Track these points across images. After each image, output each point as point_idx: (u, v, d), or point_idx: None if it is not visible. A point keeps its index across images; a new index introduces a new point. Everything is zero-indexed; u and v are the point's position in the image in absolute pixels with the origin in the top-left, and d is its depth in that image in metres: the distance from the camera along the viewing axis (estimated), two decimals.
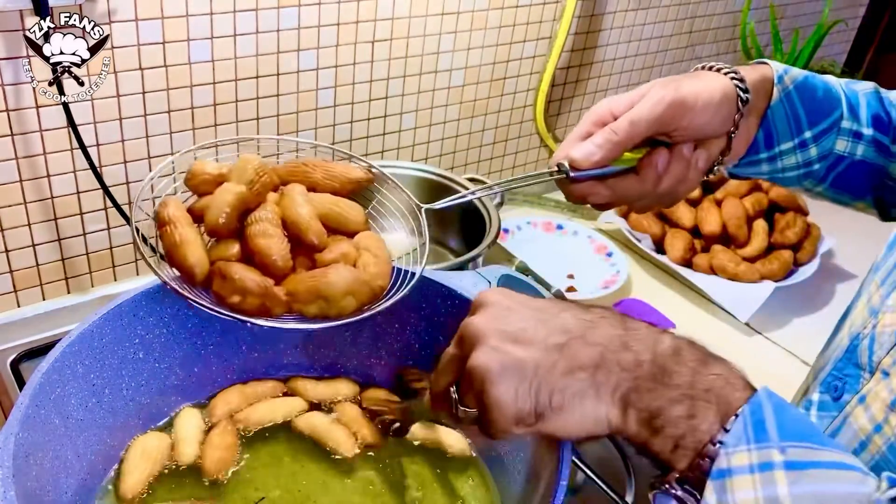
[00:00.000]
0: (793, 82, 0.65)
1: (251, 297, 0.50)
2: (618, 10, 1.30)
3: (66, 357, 0.58)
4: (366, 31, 1.01)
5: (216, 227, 0.52)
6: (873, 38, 1.86)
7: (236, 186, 0.53)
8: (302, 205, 0.54)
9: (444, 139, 1.21)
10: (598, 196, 0.61)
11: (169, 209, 0.53)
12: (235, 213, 0.53)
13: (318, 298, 0.51)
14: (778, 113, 0.65)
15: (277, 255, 0.51)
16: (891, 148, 0.66)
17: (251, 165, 0.55)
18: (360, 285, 0.52)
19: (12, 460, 0.49)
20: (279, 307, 0.51)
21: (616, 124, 0.59)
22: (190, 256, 0.51)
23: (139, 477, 0.62)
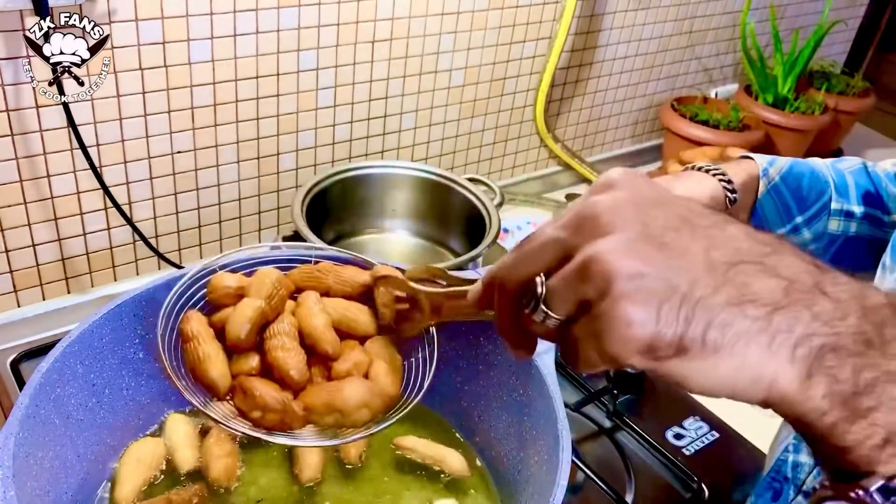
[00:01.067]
0: (778, 173, 0.66)
1: (271, 412, 0.53)
2: (618, 10, 1.30)
3: (66, 357, 0.58)
4: (366, 31, 1.01)
5: (237, 342, 0.55)
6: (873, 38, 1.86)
7: (255, 301, 0.56)
8: (317, 315, 0.57)
9: (444, 139, 1.21)
10: None
11: (192, 325, 0.56)
12: (255, 327, 0.55)
13: (333, 411, 0.54)
14: (767, 205, 0.66)
15: (295, 368, 0.54)
16: (885, 220, 0.67)
17: (269, 279, 0.58)
18: (372, 397, 0.54)
19: (12, 460, 0.49)
20: (297, 422, 0.53)
21: None
22: (212, 371, 0.54)
23: (133, 484, 0.62)
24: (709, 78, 1.57)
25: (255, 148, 1.00)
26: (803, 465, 0.59)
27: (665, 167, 1.27)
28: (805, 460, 0.59)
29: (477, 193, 1.01)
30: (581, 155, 1.42)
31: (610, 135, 1.49)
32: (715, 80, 1.59)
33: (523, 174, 1.38)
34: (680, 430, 0.86)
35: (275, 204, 1.06)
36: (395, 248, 1.08)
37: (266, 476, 0.66)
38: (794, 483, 0.59)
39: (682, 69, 1.50)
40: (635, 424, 0.84)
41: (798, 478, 0.59)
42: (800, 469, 0.59)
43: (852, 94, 1.58)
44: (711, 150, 1.27)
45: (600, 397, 0.87)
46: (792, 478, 0.60)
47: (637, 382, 0.90)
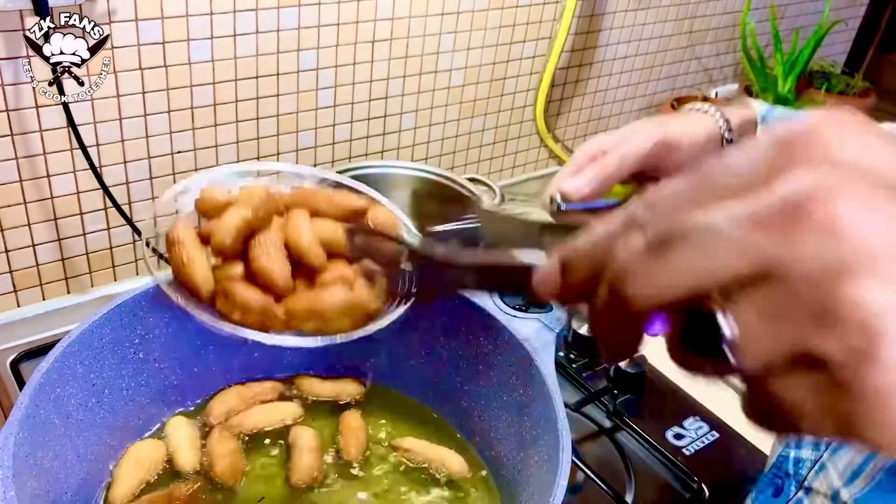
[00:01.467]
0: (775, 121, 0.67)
1: (252, 314, 0.53)
2: (618, 10, 1.30)
3: (66, 357, 0.58)
4: (366, 31, 1.01)
5: (222, 247, 0.55)
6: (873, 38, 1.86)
7: (243, 210, 0.56)
8: (304, 228, 0.57)
9: (444, 139, 1.21)
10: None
11: (178, 231, 0.56)
12: (241, 235, 0.55)
13: (314, 317, 0.54)
14: None
15: (278, 274, 0.54)
16: None
17: (258, 192, 0.58)
18: (354, 307, 0.55)
19: (12, 460, 0.49)
20: (277, 324, 0.54)
21: (606, 159, 0.61)
22: (196, 275, 0.54)
23: (130, 484, 0.62)
24: (709, 78, 1.57)
25: (256, 148, 1.00)
26: (805, 461, 0.59)
27: None
28: (807, 456, 0.59)
29: (477, 194, 1.01)
30: None
31: None
32: (715, 80, 1.59)
33: (523, 174, 1.38)
34: (680, 430, 0.86)
35: None
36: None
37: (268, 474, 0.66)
38: (795, 479, 0.59)
39: (682, 69, 1.50)
40: (635, 424, 0.84)
41: (800, 473, 0.59)
42: (801, 465, 0.59)
43: (852, 94, 1.58)
44: None
45: (600, 397, 0.87)
46: (794, 473, 0.60)
47: (637, 382, 0.90)
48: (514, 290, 0.47)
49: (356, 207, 0.62)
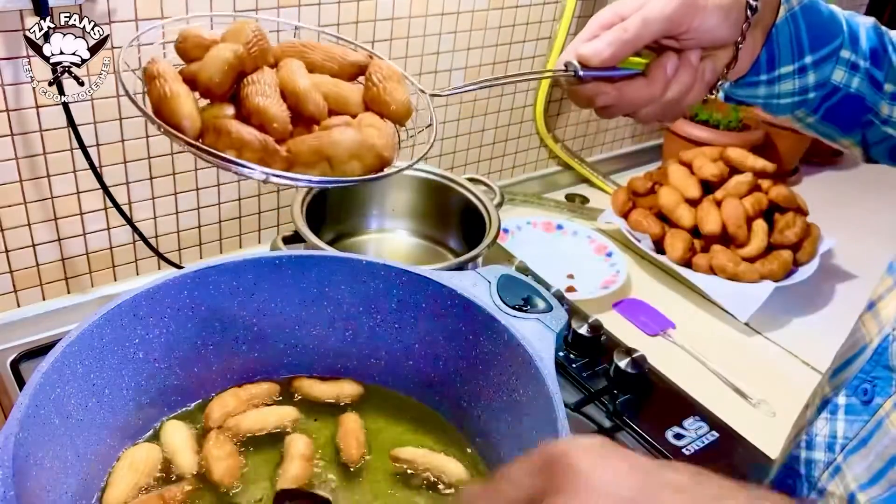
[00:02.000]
0: (799, 3, 0.64)
1: (249, 150, 0.46)
2: None
3: (66, 357, 0.58)
4: (366, 31, 1.01)
5: (210, 85, 0.49)
6: None
7: (233, 45, 0.50)
8: (301, 75, 0.51)
9: (444, 139, 1.21)
10: (605, 97, 0.60)
11: (159, 65, 0.50)
12: (232, 72, 0.49)
13: (321, 159, 0.47)
14: (783, 32, 0.64)
15: (277, 114, 0.48)
16: (883, 85, 0.66)
17: (249, 27, 0.52)
18: (366, 149, 0.48)
19: (12, 460, 0.49)
20: (280, 163, 0.47)
21: (628, 22, 0.58)
22: (180, 109, 0.48)
23: (124, 488, 0.62)
24: None
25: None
26: (817, 462, 0.58)
27: (665, 167, 1.28)
28: (819, 457, 0.58)
29: (477, 193, 1.01)
30: (581, 155, 1.42)
31: (610, 135, 1.49)
32: None
33: (523, 174, 1.38)
34: (680, 430, 0.86)
35: (275, 204, 1.06)
36: (395, 247, 1.08)
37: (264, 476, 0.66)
38: (808, 480, 0.59)
39: None
40: (635, 424, 0.84)
41: (812, 475, 0.58)
42: (813, 466, 0.59)
43: None
44: (711, 150, 1.27)
45: (600, 397, 0.87)
46: (806, 474, 0.59)
47: (637, 382, 0.90)
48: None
49: (355, 61, 0.55)
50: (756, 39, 0.64)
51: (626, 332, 1.04)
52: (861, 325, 0.60)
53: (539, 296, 0.71)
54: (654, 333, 1.05)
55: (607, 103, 0.61)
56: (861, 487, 0.53)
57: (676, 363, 0.98)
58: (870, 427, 0.54)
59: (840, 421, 0.57)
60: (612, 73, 0.59)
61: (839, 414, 0.58)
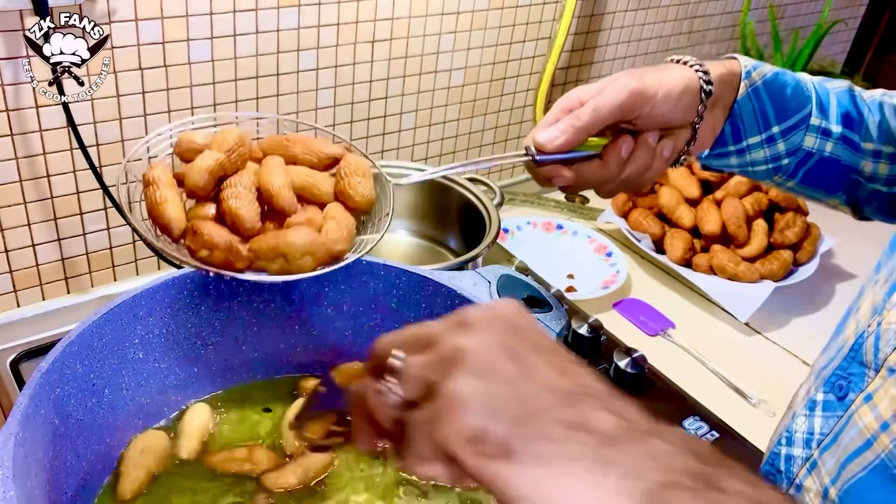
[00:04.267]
0: (761, 78, 0.66)
1: (217, 251, 0.55)
2: (618, 10, 1.30)
3: (65, 357, 0.58)
4: (366, 31, 1.01)
5: (194, 188, 0.57)
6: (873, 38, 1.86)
7: (216, 153, 0.58)
8: (277, 174, 0.59)
9: (444, 139, 1.21)
10: (562, 179, 0.63)
11: (155, 171, 0.58)
12: (213, 177, 0.57)
13: (278, 256, 0.56)
14: (745, 107, 0.66)
15: (246, 216, 0.56)
16: (861, 146, 0.67)
17: (232, 136, 0.60)
18: (317, 246, 0.56)
19: (12, 461, 0.49)
20: (241, 262, 0.56)
21: (580, 110, 0.61)
22: (168, 213, 0.56)
23: (138, 475, 0.62)
24: None
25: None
26: (796, 458, 0.59)
27: None
28: (797, 454, 0.59)
29: (477, 193, 1.01)
30: None
31: None
32: None
33: (523, 174, 1.38)
34: None
35: None
36: (395, 247, 1.08)
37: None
38: (787, 476, 0.59)
39: None
40: None
41: (791, 471, 0.59)
42: (792, 462, 0.59)
43: None
44: None
45: None
46: (785, 470, 0.60)
47: (637, 382, 0.90)
48: None
49: (331, 153, 0.63)
50: (716, 117, 0.66)
51: (626, 332, 1.04)
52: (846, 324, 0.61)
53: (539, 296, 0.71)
54: (654, 333, 1.05)
55: (564, 184, 0.64)
56: (832, 482, 0.54)
57: (676, 363, 0.98)
58: (842, 423, 0.55)
59: (817, 417, 0.58)
60: (568, 156, 0.62)
61: (817, 410, 0.58)
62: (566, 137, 0.61)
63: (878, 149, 0.67)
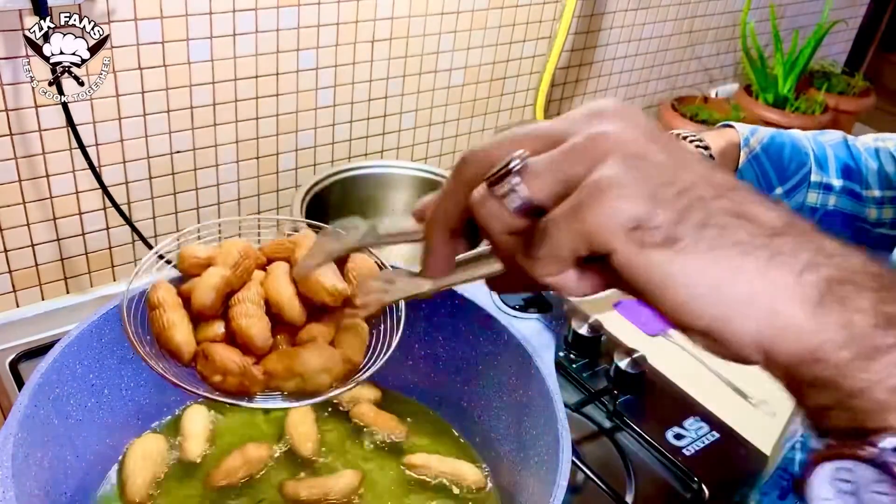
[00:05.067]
0: (759, 143, 0.66)
1: (231, 376, 0.53)
2: (618, 10, 1.30)
3: (65, 357, 0.58)
4: (365, 31, 1.01)
5: (202, 309, 0.55)
6: (873, 38, 1.86)
7: (221, 269, 0.56)
8: (284, 284, 0.57)
9: (444, 139, 1.21)
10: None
11: (159, 293, 0.56)
12: (220, 295, 0.55)
13: (294, 376, 0.54)
14: (747, 174, 0.66)
15: (258, 335, 0.54)
16: (862, 194, 0.67)
17: (236, 248, 0.58)
18: (333, 362, 0.55)
19: (11, 461, 0.49)
20: (257, 386, 0.54)
21: None
22: (176, 338, 0.54)
23: (144, 478, 0.62)
24: (709, 78, 1.57)
25: (255, 148, 0.99)
26: None
27: None
28: None
29: None
30: None
31: None
32: (715, 80, 1.59)
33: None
34: (680, 430, 0.86)
35: (274, 204, 1.06)
36: (395, 248, 1.07)
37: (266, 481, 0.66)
38: None
39: (682, 69, 1.50)
40: (635, 425, 0.84)
41: None
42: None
43: (852, 94, 1.58)
44: None
45: (600, 397, 0.87)
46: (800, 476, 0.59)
47: (637, 382, 0.90)
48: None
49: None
50: None
51: (626, 332, 1.04)
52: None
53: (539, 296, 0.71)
54: (654, 333, 1.05)
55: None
56: None
57: (676, 363, 0.98)
58: None
59: None
60: None
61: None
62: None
63: (880, 195, 0.68)
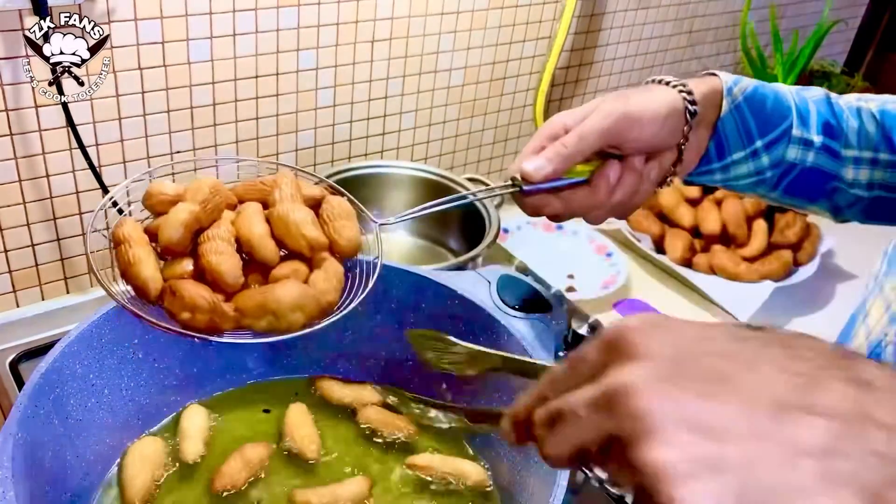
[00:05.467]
0: (742, 93, 0.65)
1: (200, 313, 0.51)
2: (618, 10, 1.30)
3: (65, 357, 0.58)
4: (365, 31, 1.01)
5: (169, 244, 0.53)
6: (873, 38, 1.86)
7: (190, 205, 0.54)
8: (256, 223, 0.55)
9: (444, 139, 1.21)
10: (551, 208, 0.62)
11: (124, 228, 0.55)
12: (188, 231, 0.54)
13: (266, 313, 0.52)
14: (728, 124, 0.65)
15: (228, 271, 0.52)
16: (841, 153, 0.67)
17: (206, 185, 0.56)
18: (307, 300, 0.53)
19: (11, 461, 0.49)
20: (228, 323, 0.52)
21: (566, 138, 0.60)
22: (143, 273, 0.52)
23: (144, 480, 0.62)
24: None
25: (255, 148, 0.99)
26: None
27: None
28: None
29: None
30: None
31: None
32: None
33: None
34: None
35: None
36: (394, 247, 1.07)
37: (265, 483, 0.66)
38: None
39: (682, 69, 1.50)
40: None
41: None
42: None
43: None
44: None
45: None
46: None
47: None
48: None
49: (310, 195, 0.59)
50: (700, 136, 0.65)
51: None
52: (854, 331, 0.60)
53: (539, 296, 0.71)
54: None
55: (553, 213, 0.63)
56: None
57: None
58: None
59: None
60: (555, 183, 0.61)
61: None
62: (553, 166, 0.59)
63: (858, 155, 0.67)
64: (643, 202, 0.65)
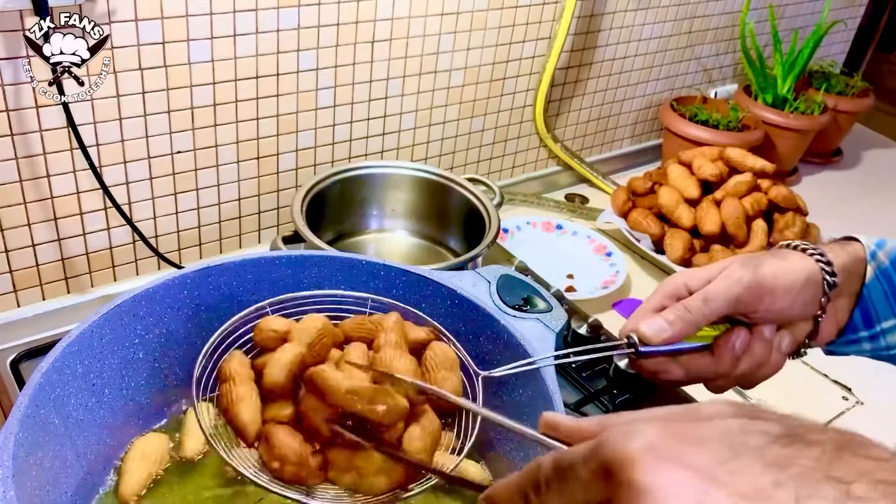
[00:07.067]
0: (888, 257, 0.60)
1: (289, 465, 0.52)
2: (618, 10, 1.30)
3: (65, 357, 0.58)
4: (365, 32, 1.01)
5: (272, 387, 0.54)
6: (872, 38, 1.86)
7: (296, 347, 0.55)
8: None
9: (444, 139, 1.21)
10: (669, 374, 0.59)
11: (232, 365, 0.55)
12: (292, 374, 0.54)
13: (351, 469, 0.52)
14: (875, 291, 0.60)
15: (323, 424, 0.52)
16: None
17: (314, 326, 0.56)
18: (393, 467, 0.52)
19: (12, 460, 0.49)
20: (313, 478, 0.52)
21: (689, 301, 0.56)
22: (243, 414, 0.53)
23: (139, 478, 0.62)
24: (708, 78, 1.57)
25: (255, 148, 1.00)
26: None
27: (664, 167, 1.28)
28: None
29: (476, 193, 1.01)
30: (581, 155, 1.42)
31: (609, 135, 1.49)
32: (714, 80, 1.59)
33: (523, 174, 1.38)
34: None
35: (274, 204, 1.06)
36: (394, 248, 1.08)
37: None
38: None
39: (682, 69, 1.50)
40: None
41: None
42: None
43: (851, 95, 1.58)
44: (710, 150, 1.27)
45: (600, 397, 0.87)
46: None
47: (637, 382, 0.90)
48: None
49: (416, 339, 0.59)
50: (840, 306, 0.61)
51: None
52: None
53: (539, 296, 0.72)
54: None
55: (672, 379, 0.59)
56: None
57: None
58: None
59: None
60: (674, 347, 0.57)
61: None
62: (675, 330, 0.55)
63: None
64: (772, 374, 0.61)
